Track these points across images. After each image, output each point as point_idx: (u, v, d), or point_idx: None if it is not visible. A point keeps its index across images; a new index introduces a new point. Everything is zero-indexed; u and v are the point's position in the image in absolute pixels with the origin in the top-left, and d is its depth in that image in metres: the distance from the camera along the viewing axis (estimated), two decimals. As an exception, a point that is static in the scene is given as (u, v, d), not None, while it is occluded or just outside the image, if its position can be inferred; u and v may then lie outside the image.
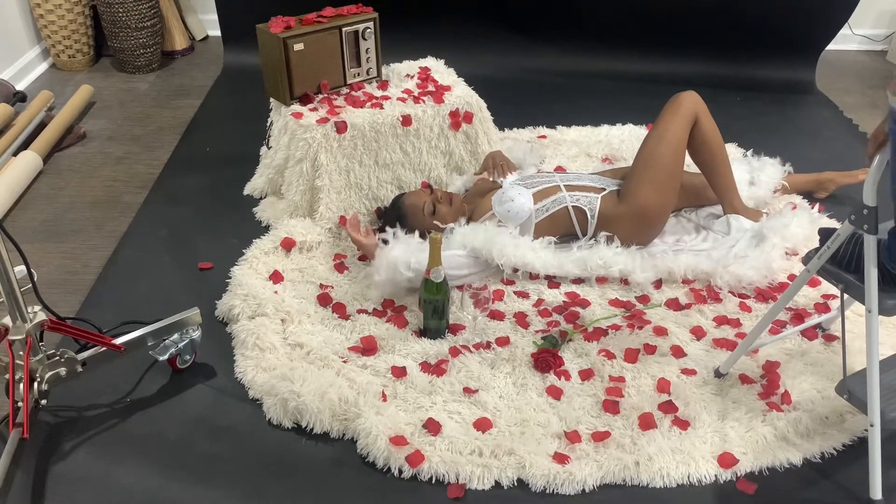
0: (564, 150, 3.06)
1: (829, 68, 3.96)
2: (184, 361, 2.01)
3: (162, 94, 3.67)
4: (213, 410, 1.91)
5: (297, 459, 1.78)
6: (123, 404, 1.93)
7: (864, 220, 1.49)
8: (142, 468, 1.76)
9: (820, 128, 3.35)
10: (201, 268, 2.41)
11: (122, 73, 3.88)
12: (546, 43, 3.85)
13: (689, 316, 2.19)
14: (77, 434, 1.84)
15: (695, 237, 2.48)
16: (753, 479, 1.74)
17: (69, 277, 2.39)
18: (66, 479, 1.74)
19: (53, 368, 1.76)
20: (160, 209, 2.73)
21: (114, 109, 3.50)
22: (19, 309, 1.67)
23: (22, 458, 1.77)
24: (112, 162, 3.06)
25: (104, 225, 2.66)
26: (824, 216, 2.63)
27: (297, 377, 1.91)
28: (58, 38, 3.79)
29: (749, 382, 1.96)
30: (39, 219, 2.69)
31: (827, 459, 1.78)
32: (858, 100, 3.66)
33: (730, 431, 1.81)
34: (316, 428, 1.84)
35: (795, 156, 3.01)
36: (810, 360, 2.04)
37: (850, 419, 1.86)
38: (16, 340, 1.67)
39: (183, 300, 2.27)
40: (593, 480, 1.71)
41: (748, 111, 3.44)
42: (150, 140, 3.23)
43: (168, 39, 4.05)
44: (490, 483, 1.71)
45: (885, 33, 4.22)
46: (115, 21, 3.73)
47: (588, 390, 1.94)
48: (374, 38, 2.70)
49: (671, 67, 3.79)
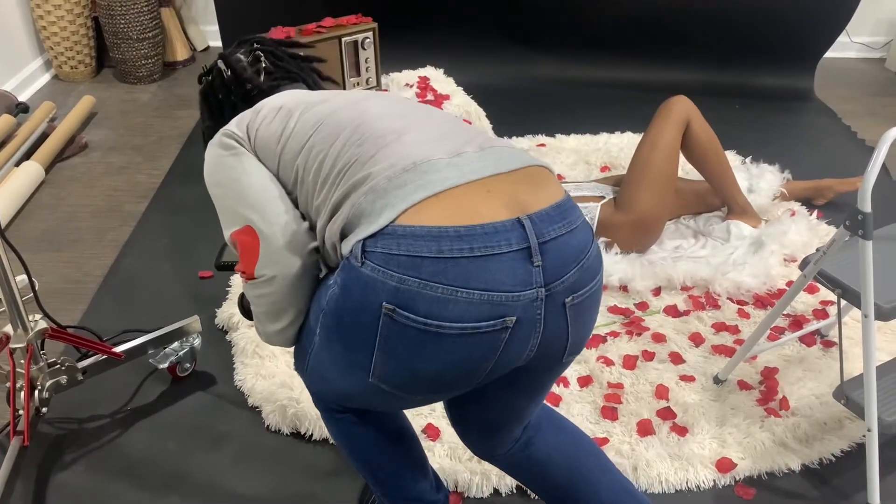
0: (563, 159, 3.08)
1: (828, 76, 3.98)
2: (184, 369, 2.02)
3: (163, 105, 3.69)
4: (213, 418, 1.92)
5: (296, 466, 1.79)
6: (124, 412, 1.94)
7: (859, 225, 1.49)
8: (142, 476, 1.77)
9: (818, 135, 3.36)
10: (202, 276, 2.42)
11: (123, 84, 3.91)
12: (545, 52, 3.87)
13: (688, 322, 2.20)
14: (77, 442, 1.85)
15: (693, 244, 2.49)
16: (752, 484, 1.74)
17: (70, 286, 2.40)
18: (67, 488, 1.74)
19: (54, 377, 1.77)
20: (161, 218, 2.75)
21: (115, 120, 3.53)
22: (20, 317, 1.68)
23: (22, 467, 1.78)
24: (113, 172, 3.08)
25: (105, 234, 2.67)
26: (823, 223, 2.63)
27: (296, 384, 1.92)
28: (60, 49, 3.81)
29: (747, 388, 1.96)
30: (41, 228, 2.71)
31: (825, 465, 1.79)
32: (857, 107, 3.67)
33: (728, 437, 1.82)
34: (315, 434, 1.85)
35: (794, 163, 3.02)
36: (809, 366, 2.04)
37: (848, 425, 1.86)
38: (17, 349, 1.68)
39: (183, 308, 2.28)
40: (592, 487, 1.71)
41: (747, 119, 3.45)
42: (151, 150, 3.25)
43: (169, 50, 4.08)
44: (489, 490, 1.72)
45: (884, 41, 4.23)
46: (116, 32, 3.76)
47: (587, 397, 1.94)
48: (374, 47, 2.72)
49: (670, 75, 3.80)
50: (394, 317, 1.00)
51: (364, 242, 1.01)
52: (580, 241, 1.08)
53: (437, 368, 1.04)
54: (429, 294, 0.98)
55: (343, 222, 1.06)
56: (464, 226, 0.99)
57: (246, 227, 1.16)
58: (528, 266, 1.01)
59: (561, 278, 1.05)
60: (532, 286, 1.02)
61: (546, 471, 1.37)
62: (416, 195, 1.01)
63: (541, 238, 1.03)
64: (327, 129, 1.14)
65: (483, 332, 1.01)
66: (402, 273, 0.98)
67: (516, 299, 1.01)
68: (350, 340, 1.06)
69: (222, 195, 1.21)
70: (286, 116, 1.20)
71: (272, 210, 1.15)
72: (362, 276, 1.01)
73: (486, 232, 1.00)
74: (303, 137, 1.16)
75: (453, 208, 1.01)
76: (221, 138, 1.23)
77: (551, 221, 1.05)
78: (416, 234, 0.99)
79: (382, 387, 1.09)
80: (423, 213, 1.00)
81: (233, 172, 1.19)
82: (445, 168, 1.05)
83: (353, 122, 1.14)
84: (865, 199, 1.47)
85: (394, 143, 1.09)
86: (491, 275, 0.99)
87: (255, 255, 1.14)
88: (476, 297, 0.99)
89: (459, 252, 0.98)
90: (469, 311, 0.99)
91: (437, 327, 1.00)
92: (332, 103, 1.20)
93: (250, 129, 1.22)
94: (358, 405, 1.21)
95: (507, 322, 1.02)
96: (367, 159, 1.08)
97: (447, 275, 0.98)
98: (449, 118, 1.21)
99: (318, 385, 1.22)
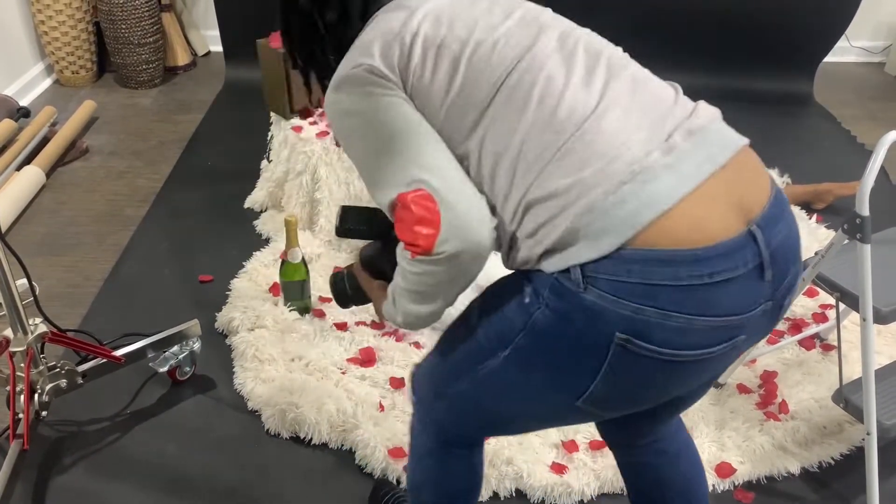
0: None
1: (828, 80, 3.98)
2: (183, 373, 2.02)
3: (164, 110, 3.69)
4: (212, 421, 1.92)
5: (295, 470, 1.79)
6: (123, 416, 1.94)
7: (858, 229, 1.49)
8: (141, 479, 1.77)
9: (818, 139, 3.37)
10: (202, 280, 2.43)
11: (124, 89, 3.92)
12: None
13: (688, 326, 2.19)
14: (77, 446, 1.85)
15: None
16: (751, 488, 1.74)
17: (71, 290, 2.41)
18: (67, 491, 1.74)
19: (54, 380, 1.77)
20: (161, 223, 2.75)
21: (116, 124, 3.53)
22: (20, 321, 1.68)
23: (22, 470, 1.78)
24: (114, 176, 3.08)
25: (106, 238, 2.68)
26: (822, 227, 2.63)
27: (295, 388, 1.92)
28: (61, 54, 3.82)
29: (747, 392, 1.96)
30: (42, 232, 2.71)
31: (825, 468, 1.79)
32: (857, 111, 3.67)
33: (727, 441, 1.82)
34: (314, 439, 1.85)
35: (794, 167, 3.03)
36: (808, 369, 2.04)
37: (848, 428, 1.86)
38: (17, 352, 1.68)
39: (183, 312, 2.28)
40: (591, 491, 1.71)
41: (746, 123, 3.45)
42: (151, 154, 3.25)
43: (170, 55, 4.08)
44: (488, 494, 1.72)
45: (883, 45, 4.24)
46: (117, 37, 3.77)
47: (586, 400, 1.94)
48: (374, 52, 2.73)
49: (670, 80, 3.80)
50: (627, 347, 0.92)
51: (584, 267, 0.92)
52: (795, 234, 1.01)
53: (658, 390, 0.99)
54: (667, 324, 0.91)
55: (554, 241, 0.94)
56: (700, 248, 0.90)
57: (420, 191, 0.97)
58: (762, 282, 0.95)
59: (783, 281, 0.99)
60: (762, 300, 0.96)
61: (659, 487, 1.33)
62: (643, 217, 0.90)
63: (770, 247, 0.95)
64: (508, 95, 0.98)
65: (715, 356, 0.96)
66: (637, 303, 0.90)
67: (749, 319, 0.96)
68: (565, 366, 0.97)
69: (376, 142, 1.00)
70: (453, 63, 1.00)
71: (453, 175, 0.98)
72: (586, 302, 0.92)
73: (721, 253, 0.91)
74: (479, 103, 0.98)
75: (684, 226, 0.90)
76: (363, 73, 1.01)
77: (775, 222, 0.97)
78: (647, 259, 0.90)
79: (583, 407, 1.01)
80: (651, 234, 0.90)
81: (395, 118, 1.00)
82: (664, 173, 0.92)
83: (542, 90, 0.97)
84: (864, 202, 1.48)
85: (596, 134, 0.94)
86: (730, 300, 0.93)
87: (436, 225, 0.95)
88: (715, 322, 0.93)
89: (699, 279, 0.90)
90: (706, 337, 0.93)
91: (671, 356, 0.93)
92: (509, 41, 1.01)
93: (403, 71, 1.01)
94: (511, 430, 1.15)
95: (738, 342, 0.97)
96: (568, 153, 0.94)
97: (686, 304, 0.90)
98: (636, 72, 1.05)
99: (462, 411, 1.13)
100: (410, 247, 0.98)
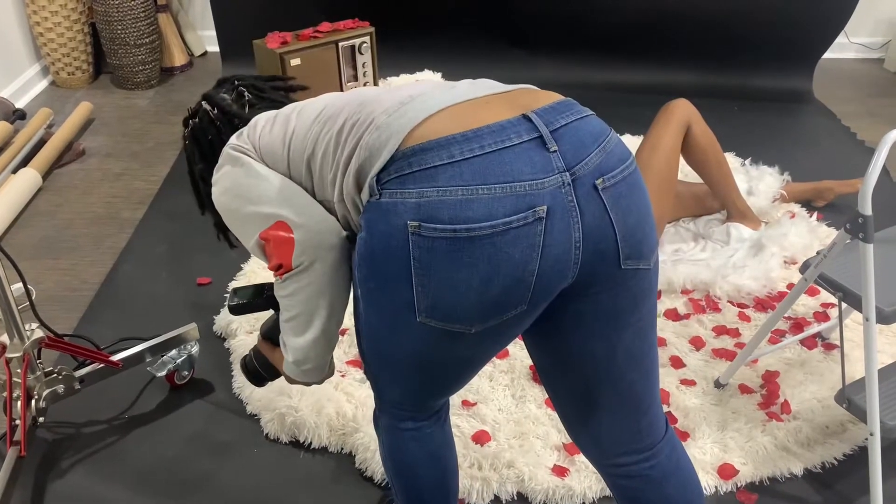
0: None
1: (827, 77, 3.97)
2: (182, 377, 2.01)
3: (161, 111, 3.68)
4: (211, 426, 1.91)
5: (294, 474, 1.78)
6: (121, 421, 1.93)
7: (860, 228, 1.48)
8: (140, 485, 1.75)
9: (818, 137, 3.36)
10: (199, 283, 2.41)
11: (121, 90, 3.90)
12: (543, 55, 3.86)
13: (688, 326, 2.19)
14: (75, 452, 1.84)
15: (693, 247, 2.48)
16: (754, 489, 1.73)
17: (67, 294, 2.39)
18: (64, 498, 1.73)
19: (51, 386, 1.76)
20: (159, 225, 2.74)
21: (113, 126, 3.52)
22: (17, 327, 1.67)
23: (20, 477, 1.77)
24: (111, 178, 3.07)
25: (103, 241, 2.66)
26: (823, 225, 2.62)
27: (294, 392, 1.91)
28: (57, 55, 3.81)
29: (749, 392, 1.95)
30: (38, 235, 2.70)
31: (828, 469, 1.78)
32: (856, 108, 3.66)
33: (730, 442, 1.81)
34: (314, 442, 1.83)
35: (794, 165, 3.02)
36: (810, 369, 2.03)
37: (851, 428, 1.85)
38: (13, 358, 1.67)
39: (181, 316, 2.27)
40: (593, 493, 1.70)
41: (746, 121, 3.44)
42: (148, 156, 3.24)
43: (167, 56, 4.07)
44: (489, 497, 1.71)
45: (882, 41, 4.23)
46: (113, 38, 3.75)
47: (587, 402, 1.93)
48: (371, 52, 2.71)
49: (669, 78, 3.80)
50: (421, 232, 0.98)
51: (377, 177, 1.01)
52: (595, 126, 1.06)
53: (480, 279, 1.00)
54: (450, 199, 0.97)
55: (356, 172, 1.05)
56: (470, 129, 1.00)
57: (276, 224, 1.14)
58: (545, 153, 1.00)
59: (583, 160, 1.02)
60: (554, 171, 0.99)
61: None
62: (417, 116, 1.02)
63: (551, 126, 1.02)
64: (329, 113, 1.14)
65: (515, 228, 0.98)
66: (419, 187, 0.98)
67: (540, 187, 0.98)
68: (387, 277, 1.04)
69: (241, 207, 1.18)
70: (285, 121, 1.20)
71: (300, 202, 1.14)
72: (382, 206, 1.00)
73: (493, 130, 1.00)
74: (307, 131, 1.15)
75: (456, 119, 1.01)
76: (229, 153, 1.22)
77: (558, 112, 1.04)
78: (424, 149, 0.99)
79: (433, 324, 1.05)
80: (426, 129, 1.01)
81: (250, 180, 1.18)
82: (440, 94, 1.06)
83: (355, 100, 1.13)
84: (866, 201, 1.46)
85: (389, 94, 1.10)
86: (508, 166, 0.98)
87: (291, 245, 1.12)
88: (498, 190, 0.97)
89: (471, 152, 0.98)
90: (494, 206, 0.97)
91: (466, 231, 0.97)
92: (327, 96, 1.21)
93: (252, 139, 1.21)
94: (420, 381, 1.16)
95: (539, 212, 0.98)
96: (368, 113, 1.08)
97: (463, 176, 0.97)
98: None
99: (379, 366, 1.18)
100: (276, 269, 1.14)
